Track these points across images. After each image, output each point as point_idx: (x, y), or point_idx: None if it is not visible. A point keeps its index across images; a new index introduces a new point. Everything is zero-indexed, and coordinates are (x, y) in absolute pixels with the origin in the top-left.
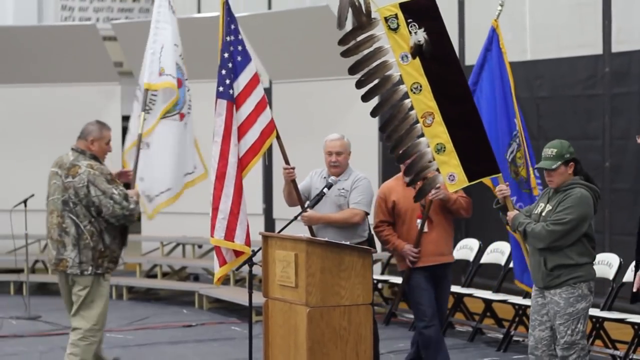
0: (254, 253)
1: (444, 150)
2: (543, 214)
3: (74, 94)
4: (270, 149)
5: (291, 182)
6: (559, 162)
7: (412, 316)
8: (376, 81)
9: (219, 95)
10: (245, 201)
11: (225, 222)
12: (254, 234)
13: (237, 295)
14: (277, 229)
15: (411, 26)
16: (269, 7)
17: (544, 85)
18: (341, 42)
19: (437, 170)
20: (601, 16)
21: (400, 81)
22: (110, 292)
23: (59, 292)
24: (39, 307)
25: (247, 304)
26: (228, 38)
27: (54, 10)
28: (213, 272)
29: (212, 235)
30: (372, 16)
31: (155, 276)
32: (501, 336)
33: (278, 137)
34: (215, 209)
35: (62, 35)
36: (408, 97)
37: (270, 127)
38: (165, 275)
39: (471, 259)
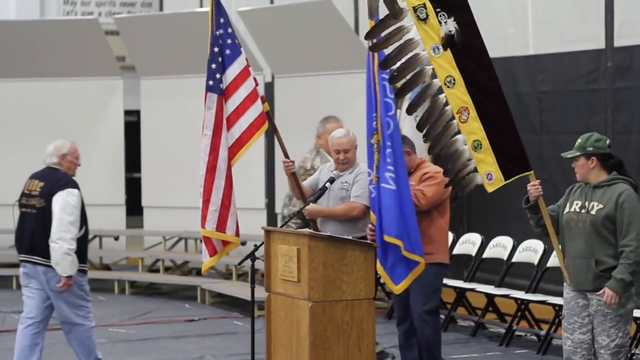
0: (256, 248)
1: (481, 148)
2: (592, 212)
3: (76, 88)
4: (271, 143)
5: (291, 175)
6: (577, 153)
7: None
8: (409, 76)
9: (209, 88)
10: (235, 194)
11: (217, 214)
12: (257, 229)
13: (239, 289)
14: (280, 223)
15: (440, 16)
16: (271, 2)
17: (546, 79)
18: (368, 35)
19: (475, 169)
20: (604, 10)
21: (434, 75)
22: (113, 287)
23: None
24: None
25: (249, 298)
26: (217, 32)
27: (56, 5)
28: (216, 266)
29: (203, 227)
30: (401, 6)
31: (157, 271)
32: (503, 331)
33: (276, 131)
34: (206, 200)
35: (64, 30)
36: (442, 92)
37: (261, 120)
38: (167, 269)
39: (473, 254)
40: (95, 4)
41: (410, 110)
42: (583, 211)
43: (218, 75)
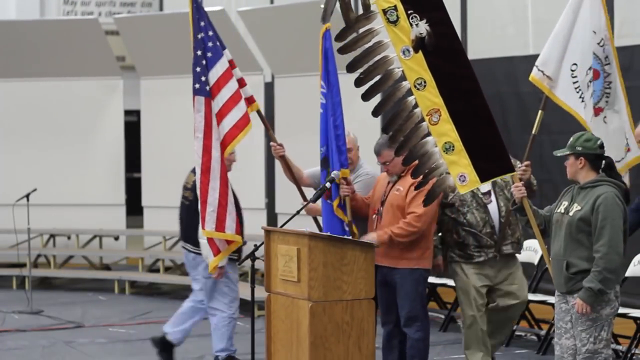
0: (256, 247)
1: (453, 150)
2: (570, 213)
3: (76, 88)
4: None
5: (281, 158)
6: (567, 152)
7: None
8: (377, 78)
9: (196, 92)
10: (232, 193)
11: (214, 214)
12: (257, 229)
13: (240, 289)
14: (280, 223)
15: (412, 18)
16: (271, 2)
17: None
18: (338, 38)
19: (447, 171)
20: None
21: (403, 77)
22: (113, 287)
23: (61, 286)
24: (41, 301)
25: (249, 298)
26: (199, 35)
27: (56, 5)
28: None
29: (203, 228)
30: (370, 8)
31: (157, 270)
32: None
33: (263, 119)
34: (203, 202)
35: (64, 30)
36: (412, 94)
37: (244, 121)
38: (167, 269)
39: None
40: (95, 4)
41: (376, 113)
42: (565, 212)
43: (203, 78)
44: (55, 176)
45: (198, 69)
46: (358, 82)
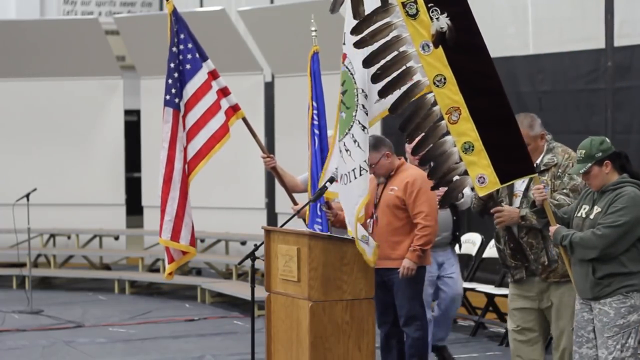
0: (256, 247)
1: (473, 150)
2: (591, 217)
3: (76, 88)
4: (271, 143)
5: (273, 170)
6: (589, 164)
7: None
8: (394, 74)
9: (166, 103)
10: (190, 204)
11: (171, 224)
12: (257, 229)
13: (240, 289)
14: (280, 223)
15: (432, 11)
16: (271, 2)
17: (546, 79)
18: (354, 31)
19: (465, 172)
20: (604, 10)
21: (422, 74)
22: (113, 287)
23: (61, 286)
24: (41, 301)
25: (249, 298)
26: (174, 49)
27: (57, 4)
28: (216, 266)
29: (160, 236)
30: (389, 1)
31: (157, 270)
32: (504, 330)
33: (250, 128)
34: (162, 211)
35: (64, 29)
36: (430, 91)
37: (222, 132)
38: None
39: (473, 254)
40: (95, 3)
41: (393, 110)
42: (587, 217)
43: (174, 90)
44: (55, 176)
45: (170, 81)
46: (375, 78)
